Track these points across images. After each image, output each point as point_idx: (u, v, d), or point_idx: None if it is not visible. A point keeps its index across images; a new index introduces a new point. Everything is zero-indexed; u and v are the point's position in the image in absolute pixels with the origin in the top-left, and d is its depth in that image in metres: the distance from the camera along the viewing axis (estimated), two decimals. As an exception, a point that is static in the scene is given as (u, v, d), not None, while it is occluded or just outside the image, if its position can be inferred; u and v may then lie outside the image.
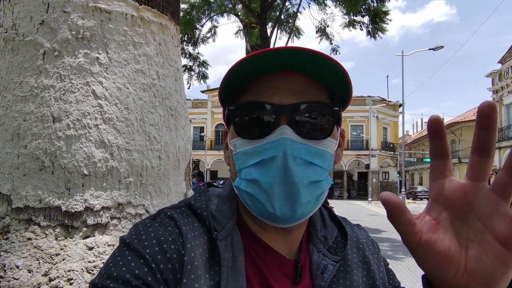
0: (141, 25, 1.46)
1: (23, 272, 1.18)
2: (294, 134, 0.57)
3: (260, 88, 0.61)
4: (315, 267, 0.65)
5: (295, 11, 14.27)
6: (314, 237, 0.68)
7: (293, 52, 0.56)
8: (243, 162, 0.59)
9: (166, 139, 1.50)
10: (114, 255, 0.56)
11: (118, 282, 0.51)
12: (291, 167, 0.55)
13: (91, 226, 1.28)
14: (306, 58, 0.57)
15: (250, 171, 0.58)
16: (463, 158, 39.38)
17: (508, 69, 28.54)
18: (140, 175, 1.38)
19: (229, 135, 0.65)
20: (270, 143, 0.57)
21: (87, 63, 1.32)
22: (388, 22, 12.15)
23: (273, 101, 0.58)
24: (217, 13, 14.84)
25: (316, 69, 0.59)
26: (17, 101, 1.30)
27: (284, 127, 0.57)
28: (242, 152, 0.60)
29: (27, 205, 1.25)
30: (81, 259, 1.22)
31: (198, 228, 0.59)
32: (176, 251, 0.54)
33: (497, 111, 0.40)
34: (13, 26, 1.35)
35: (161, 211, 0.62)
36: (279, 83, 0.60)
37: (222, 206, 0.64)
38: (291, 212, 0.57)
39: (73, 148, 1.27)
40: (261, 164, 0.57)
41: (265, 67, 0.59)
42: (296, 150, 0.56)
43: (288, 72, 0.60)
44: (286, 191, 0.56)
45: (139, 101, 1.41)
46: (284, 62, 0.58)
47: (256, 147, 0.58)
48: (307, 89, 0.61)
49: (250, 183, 0.58)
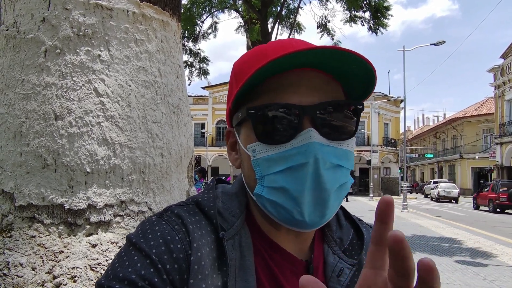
0: (143, 22, 1.45)
1: (26, 270, 1.19)
2: (321, 137, 0.54)
3: (278, 86, 0.57)
4: (330, 269, 0.63)
5: (296, 6, 14.22)
6: (330, 238, 0.66)
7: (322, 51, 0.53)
8: (266, 169, 0.56)
9: (168, 136, 1.49)
10: (120, 254, 0.55)
11: (124, 283, 0.50)
12: (322, 173, 0.53)
13: (94, 224, 1.28)
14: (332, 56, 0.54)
15: (275, 178, 0.55)
16: (465, 153, 39.33)
17: (510, 64, 28.40)
18: (142, 173, 1.38)
19: (243, 138, 0.61)
20: (297, 148, 0.54)
21: (88, 60, 1.32)
22: (389, 18, 12.08)
23: (293, 100, 0.55)
24: (217, 9, 14.78)
25: (342, 66, 0.56)
26: (19, 99, 1.30)
27: (310, 130, 0.54)
28: (264, 158, 0.56)
29: (30, 203, 1.25)
30: (85, 257, 1.22)
31: (205, 227, 0.58)
32: (183, 251, 0.53)
33: (393, 207, 0.38)
34: (14, 24, 1.35)
35: (168, 209, 0.61)
36: (298, 81, 0.57)
37: (231, 203, 0.62)
38: (320, 217, 0.56)
39: (76, 146, 1.27)
40: (288, 171, 0.54)
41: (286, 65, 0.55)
42: (325, 154, 0.54)
43: (307, 68, 0.57)
44: (317, 197, 0.54)
45: (141, 99, 1.41)
46: (307, 60, 0.55)
47: (281, 152, 0.55)
48: (325, 86, 0.58)
49: (275, 191, 0.55)
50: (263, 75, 0.55)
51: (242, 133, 0.61)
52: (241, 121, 0.61)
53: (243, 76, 0.56)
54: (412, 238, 10.55)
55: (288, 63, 0.54)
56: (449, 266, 7.12)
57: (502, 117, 29.02)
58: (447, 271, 6.70)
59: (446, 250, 8.87)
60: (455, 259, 7.82)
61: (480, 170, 38.07)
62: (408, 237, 10.61)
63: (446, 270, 6.81)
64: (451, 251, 8.75)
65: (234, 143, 0.66)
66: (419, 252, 8.48)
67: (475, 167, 39.09)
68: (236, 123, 0.63)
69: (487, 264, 7.42)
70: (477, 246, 9.42)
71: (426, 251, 8.65)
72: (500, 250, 8.96)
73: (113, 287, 0.50)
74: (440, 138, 48.76)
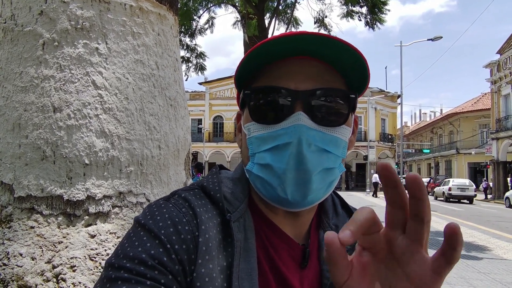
0: (140, 15, 1.46)
1: (26, 260, 1.20)
2: (309, 121, 0.57)
3: (276, 72, 0.60)
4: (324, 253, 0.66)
5: (293, 1, 14.18)
6: (326, 225, 0.69)
7: (311, 37, 0.56)
8: (256, 147, 0.60)
9: (165, 129, 1.51)
10: (129, 235, 0.56)
11: (135, 262, 0.51)
12: (305, 154, 0.56)
13: (93, 215, 1.29)
14: (323, 43, 0.57)
15: (264, 156, 0.59)
16: (461, 149, 39.50)
17: (506, 60, 28.48)
18: (140, 164, 1.40)
19: (243, 118, 0.65)
20: (284, 128, 0.57)
21: (86, 53, 1.33)
22: (386, 13, 12.06)
23: (289, 86, 0.58)
24: (214, 3, 14.73)
25: (334, 54, 0.58)
26: (18, 91, 1.31)
27: (300, 113, 0.57)
28: (256, 137, 0.60)
29: (29, 194, 1.27)
30: (84, 247, 1.24)
31: (212, 210, 0.60)
32: (190, 232, 0.55)
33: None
34: (12, 17, 1.36)
35: (175, 193, 0.63)
36: (296, 68, 0.60)
37: (235, 188, 0.64)
38: (302, 197, 0.58)
39: (74, 138, 1.29)
40: (275, 150, 0.58)
41: (282, 52, 0.58)
42: (310, 137, 0.56)
43: (304, 56, 0.60)
44: (298, 177, 0.57)
45: (138, 91, 1.42)
46: (301, 47, 0.58)
47: (271, 132, 0.58)
48: (322, 74, 0.60)
49: (262, 168, 0.59)
50: (262, 61, 0.59)
51: (244, 114, 0.65)
52: (243, 103, 0.65)
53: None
54: (408, 232, 10.61)
55: (283, 49, 0.57)
56: (445, 260, 7.18)
57: (498, 113, 29.13)
58: (442, 265, 6.76)
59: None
60: (450, 253, 7.88)
61: (477, 166, 38.28)
62: (404, 232, 10.68)
63: (442, 263, 6.87)
64: (447, 245, 8.82)
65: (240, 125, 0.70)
66: (415, 246, 8.54)
67: (472, 162, 39.28)
68: (241, 106, 0.67)
69: (482, 257, 7.49)
70: (472, 240, 9.51)
71: (422, 245, 8.71)
72: (495, 244, 9.04)
73: (124, 265, 0.51)
74: (437, 134, 48.94)
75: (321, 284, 0.64)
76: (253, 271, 0.57)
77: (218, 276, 0.55)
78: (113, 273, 0.51)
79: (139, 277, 0.50)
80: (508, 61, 28.32)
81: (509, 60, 28.15)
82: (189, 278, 0.53)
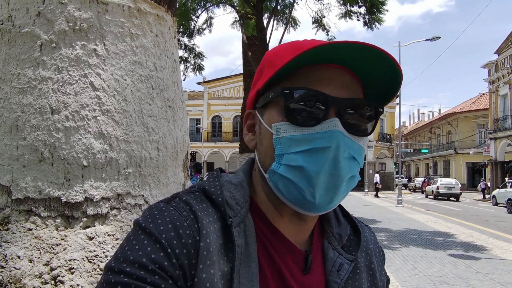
0: (138, 16, 1.46)
1: (24, 262, 1.20)
2: (343, 128, 0.58)
3: (311, 76, 0.60)
4: (330, 263, 0.66)
5: (291, 1, 14.18)
6: (329, 234, 0.69)
7: (361, 47, 0.55)
8: (286, 148, 0.59)
9: (164, 130, 1.51)
10: (129, 238, 0.56)
11: (135, 266, 0.51)
12: (340, 159, 0.57)
13: (91, 217, 1.29)
14: (366, 55, 0.57)
15: (295, 157, 0.58)
16: (459, 149, 39.58)
17: (504, 60, 28.53)
18: (139, 166, 1.40)
19: (266, 118, 0.63)
20: (321, 133, 0.57)
21: (84, 54, 1.32)
22: (385, 13, 12.07)
23: (324, 91, 0.58)
24: (212, 3, 14.71)
25: (370, 66, 0.59)
26: (15, 93, 1.31)
27: (336, 119, 0.57)
28: (287, 138, 0.59)
29: (27, 196, 1.27)
30: (82, 249, 1.24)
31: (213, 214, 0.59)
32: (192, 237, 0.55)
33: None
34: (9, 18, 1.35)
35: (176, 195, 0.62)
36: (330, 75, 0.60)
37: (236, 192, 0.64)
38: (328, 202, 0.59)
39: (72, 140, 1.28)
40: (309, 152, 0.57)
41: (324, 58, 0.58)
42: (346, 143, 0.57)
43: (335, 65, 0.60)
44: (330, 182, 0.57)
45: (137, 93, 1.42)
46: (340, 55, 0.58)
47: (306, 134, 0.58)
48: (352, 84, 0.61)
49: (292, 169, 0.58)
50: (299, 63, 0.59)
51: (267, 113, 0.64)
52: (269, 102, 0.63)
53: (279, 62, 0.59)
54: (407, 232, 10.64)
55: (323, 56, 0.57)
56: (443, 260, 7.21)
57: (496, 113, 29.21)
58: (440, 265, 6.78)
59: (440, 244, 8.97)
60: (448, 252, 7.92)
61: (475, 165, 38.36)
62: (403, 232, 10.71)
63: (440, 263, 6.90)
64: (445, 245, 8.85)
65: (253, 125, 0.69)
66: (414, 246, 8.56)
67: (470, 162, 39.38)
68: (262, 104, 0.65)
69: (480, 257, 7.52)
70: (470, 240, 9.53)
71: (420, 245, 8.73)
72: (493, 244, 9.07)
73: (124, 269, 0.51)
74: (435, 134, 49.03)
75: None
76: (254, 277, 0.57)
77: (219, 281, 0.54)
78: (113, 277, 0.51)
79: (139, 282, 0.50)
80: (506, 61, 28.37)
81: (507, 60, 28.20)
82: (190, 283, 0.53)
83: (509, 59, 27.46)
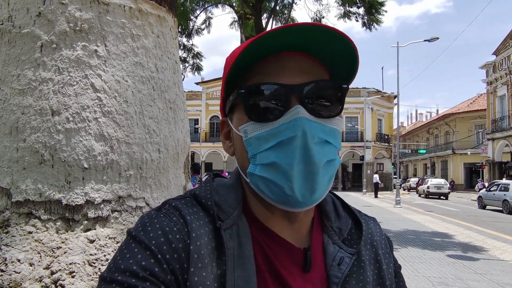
0: (139, 17, 1.45)
1: (24, 266, 1.18)
2: (307, 113, 0.56)
3: (267, 69, 0.59)
4: (330, 258, 0.65)
5: (290, 1, 14.18)
6: (329, 229, 0.68)
7: (305, 28, 0.55)
8: (257, 147, 0.58)
9: (165, 132, 1.49)
10: (121, 248, 0.56)
11: (126, 274, 0.51)
12: (311, 146, 0.55)
13: (92, 219, 1.28)
14: (316, 37, 0.56)
15: (267, 154, 0.57)
16: (457, 149, 39.68)
17: (502, 61, 28.63)
18: (140, 168, 1.38)
19: (235, 122, 0.63)
20: (285, 124, 0.56)
21: (85, 55, 1.31)
22: (383, 14, 12.09)
23: (282, 81, 0.58)
24: (211, 4, 14.70)
25: (324, 46, 0.58)
26: (15, 94, 1.29)
27: (298, 107, 0.56)
28: (255, 137, 0.58)
29: (27, 198, 1.25)
30: (83, 252, 1.22)
31: (203, 218, 0.59)
32: (182, 241, 0.55)
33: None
34: (9, 18, 1.34)
35: (166, 202, 0.62)
36: (286, 64, 0.59)
37: (227, 195, 0.63)
38: (310, 192, 0.57)
39: (73, 142, 1.27)
40: (278, 146, 0.56)
41: (273, 47, 0.58)
42: (313, 128, 0.56)
43: (292, 52, 0.59)
44: (306, 170, 0.56)
45: (138, 94, 1.41)
46: (290, 42, 0.57)
47: (271, 129, 0.57)
48: (312, 69, 0.60)
49: (266, 168, 0.57)
50: (250, 60, 0.59)
51: (234, 118, 0.64)
52: (233, 106, 0.63)
53: (232, 62, 0.59)
54: (405, 233, 10.65)
55: (272, 45, 0.57)
56: (441, 260, 7.21)
57: (494, 113, 29.30)
58: (439, 265, 6.79)
59: (438, 244, 8.97)
60: (447, 253, 7.92)
61: (472, 166, 38.46)
62: (401, 232, 10.72)
63: (439, 264, 6.90)
64: (443, 245, 8.86)
65: (228, 132, 0.68)
66: (412, 247, 8.57)
67: (467, 162, 39.47)
68: (229, 109, 0.65)
69: (479, 258, 7.52)
70: (468, 241, 9.54)
71: (418, 245, 8.74)
72: (491, 244, 9.08)
73: (115, 278, 0.51)
74: (433, 134, 49.13)
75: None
76: (251, 278, 0.57)
77: (212, 284, 0.54)
78: (105, 287, 0.51)
79: None
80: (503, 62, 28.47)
81: (504, 61, 28.30)
82: (182, 287, 0.53)
83: (507, 60, 27.55)
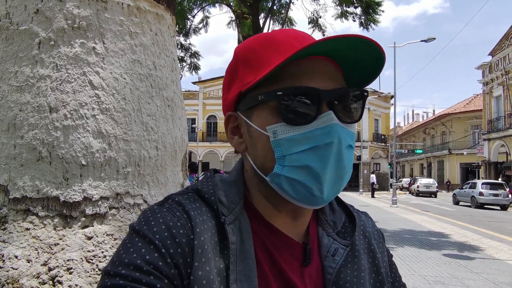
0: (137, 14, 1.45)
1: (22, 262, 1.18)
2: (337, 120, 0.58)
3: (298, 72, 0.59)
4: (325, 249, 0.67)
5: (287, 1, 14.20)
6: (324, 222, 0.70)
7: (350, 40, 0.56)
8: (287, 149, 0.58)
9: (163, 129, 1.50)
10: (124, 242, 0.57)
11: (130, 268, 0.52)
12: (343, 152, 0.58)
13: (89, 216, 1.28)
14: (349, 44, 0.57)
15: (299, 157, 0.57)
16: (453, 149, 39.85)
17: (498, 62, 28.77)
18: (138, 165, 1.39)
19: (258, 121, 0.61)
20: (320, 129, 0.57)
21: (83, 53, 1.31)
22: (380, 14, 12.13)
23: (313, 86, 0.58)
24: (209, 3, 14.68)
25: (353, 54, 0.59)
26: (13, 91, 1.29)
27: (330, 112, 0.58)
28: (286, 139, 0.58)
29: (25, 195, 1.25)
30: (80, 249, 1.23)
31: (206, 213, 0.60)
32: (185, 236, 0.55)
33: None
34: (7, 15, 1.34)
35: (168, 197, 0.63)
36: (316, 68, 0.59)
37: (229, 191, 0.64)
38: (335, 194, 0.60)
39: (71, 139, 1.27)
40: (313, 150, 0.57)
41: (305, 53, 0.57)
42: (344, 135, 0.58)
43: (316, 56, 0.59)
44: (336, 174, 0.58)
45: (136, 92, 1.41)
46: (322, 49, 0.58)
47: (305, 133, 0.57)
48: (336, 74, 0.61)
49: (297, 169, 0.58)
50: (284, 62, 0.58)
51: (256, 115, 0.62)
52: (256, 104, 0.62)
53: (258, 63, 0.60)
54: (401, 232, 10.69)
55: (307, 51, 0.57)
56: (437, 260, 7.24)
57: (490, 114, 29.44)
58: (435, 265, 6.82)
59: (434, 244, 9.01)
60: (443, 252, 7.96)
61: (468, 166, 38.64)
62: (397, 232, 10.75)
63: (435, 263, 6.93)
64: (439, 245, 8.89)
65: (236, 127, 0.67)
66: (408, 246, 8.60)
67: (463, 162, 39.66)
68: (248, 107, 0.63)
69: (474, 257, 7.57)
70: (464, 240, 9.59)
71: (415, 245, 8.77)
72: (487, 244, 9.13)
73: (119, 272, 0.51)
74: (429, 134, 49.32)
75: (323, 280, 0.65)
76: (252, 273, 0.57)
77: (216, 278, 0.55)
78: (109, 281, 0.52)
79: (134, 283, 0.51)
80: (499, 63, 28.60)
81: (500, 62, 28.43)
82: (186, 281, 0.53)
83: (502, 60, 27.68)
